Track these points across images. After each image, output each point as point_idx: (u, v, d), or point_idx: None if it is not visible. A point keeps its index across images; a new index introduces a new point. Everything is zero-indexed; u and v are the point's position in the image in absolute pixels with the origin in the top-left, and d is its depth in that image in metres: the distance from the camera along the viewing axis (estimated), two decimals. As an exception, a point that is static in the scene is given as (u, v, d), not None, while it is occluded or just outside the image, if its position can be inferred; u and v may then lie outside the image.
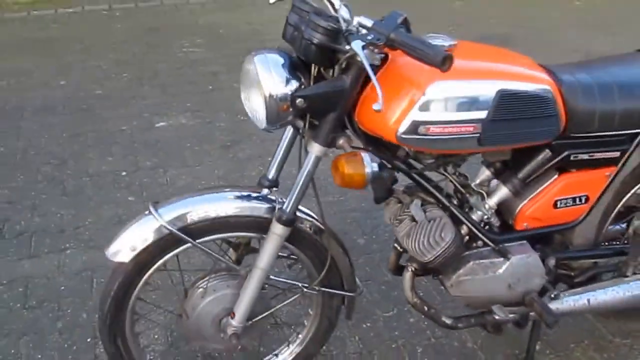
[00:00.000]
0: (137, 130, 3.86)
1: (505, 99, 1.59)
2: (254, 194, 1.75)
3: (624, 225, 2.11)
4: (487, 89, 1.58)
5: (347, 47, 1.47)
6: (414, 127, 1.55)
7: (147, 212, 1.67)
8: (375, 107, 1.39)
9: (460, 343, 2.29)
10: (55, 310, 2.39)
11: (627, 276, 2.03)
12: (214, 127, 3.90)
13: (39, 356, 2.19)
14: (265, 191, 1.77)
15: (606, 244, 2.11)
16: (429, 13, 6.14)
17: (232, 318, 1.77)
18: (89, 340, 2.23)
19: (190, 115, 4.06)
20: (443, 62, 1.34)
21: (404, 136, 1.57)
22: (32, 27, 5.79)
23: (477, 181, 1.89)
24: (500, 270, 1.84)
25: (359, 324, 2.36)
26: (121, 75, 4.70)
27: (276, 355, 2.02)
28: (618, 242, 2.12)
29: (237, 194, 1.75)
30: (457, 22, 5.91)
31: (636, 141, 1.85)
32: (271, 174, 1.79)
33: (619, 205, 1.99)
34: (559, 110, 1.67)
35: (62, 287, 2.51)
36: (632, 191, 1.98)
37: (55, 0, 6.50)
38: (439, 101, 1.54)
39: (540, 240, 1.96)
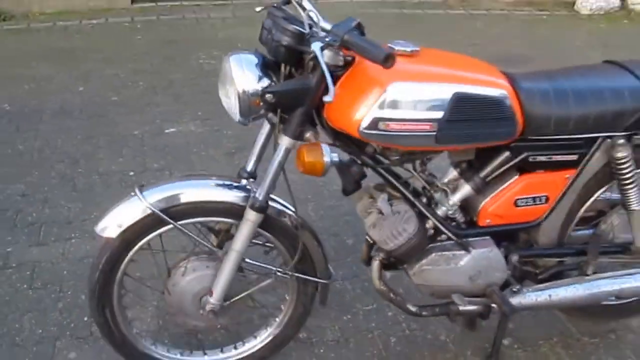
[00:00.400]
0: (148, 135, 4.05)
1: (461, 101, 1.73)
2: (233, 183, 1.92)
3: (593, 230, 2.24)
4: (444, 91, 1.72)
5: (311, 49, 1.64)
6: (375, 123, 1.70)
7: (133, 194, 1.85)
8: (326, 99, 1.57)
9: (434, 336, 2.41)
10: (57, 291, 2.57)
11: (588, 275, 2.15)
12: (222, 135, 4.07)
13: (40, 331, 2.37)
14: (243, 181, 1.93)
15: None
16: (449, 33, 6.26)
17: (211, 296, 1.93)
18: (85, 319, 2.40)
19: (199, 123, 4.24)
20: (385, 59, 1.50)
21: (365, 131, 1.72)
22: (56, 37, 6.04)
23: (445, 180, 2.03)
24: (462, 262, 1.97)
25: (340, 316, 2.50)
26: (137, 83, 4.91)
27: (255, 337, 2.17)
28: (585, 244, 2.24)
29: (218, 182, 1.92)
30: (476, 42, 6.02)
31: (595, 145, 1.99)
32: (249, 167, 1.95)
33: (583, 209, 2.11)
34: (515, 113, 1.81)
35: (65, 272, 2.69)
36: (596, 195, 2.10)
37: (80, 12, 6.77)
38: (398, 100, 1.69)
39: (506, 237, 2.09)
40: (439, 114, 1.73)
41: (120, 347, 2.04)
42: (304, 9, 1.79)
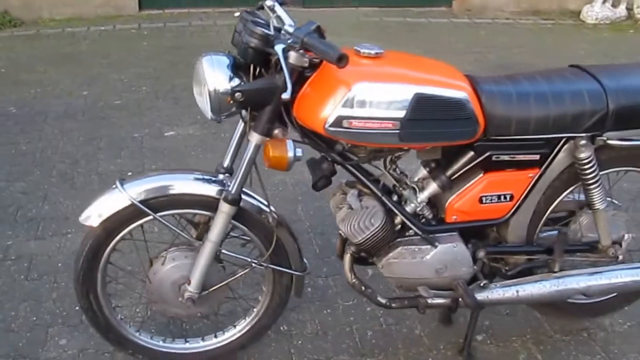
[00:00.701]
0: (148, 137, 4.18)
1: (422, 101, 1.83)
2: (211, 178, 2.03)
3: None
4: (405, 92, 1.82)
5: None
6: (339, 121, 1.80)
7: (114, 186, 1.97)
8: (284, 95, 1.69)
9: (409, 330, 2.50)
10: (51, 282, 2.70)
11: (555, 272, 2.23)
12: (219, 138, 4.18)
13: (34, 318, 2.50)
14: (220, 176, 2.04)
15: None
16: (452, 41, 6.35)
17: (189, 285, 2.04)
18: (77, 308, 2.48)
19: (198, 127, 4.35)
20: (339, 59, 1.62)
21: (330, 129, 1.82)
22: (64, 43, 6.20)
23: (415, 178, 2.13)
24: (428, 256, 2.06)
25: (321, 310, 2.60)
26: (140, 88, 5.05)
27: (234, 326, 2.27)
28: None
29: (196, 176, 2.03)
30: (479, 50, 6.09)
31: (558, 146, 2.08)
32: (226, 162, 2.07)
33: (551, 208, 2.19)
34: (475, 114, 1.90)
35: (60, 264, 2.82)
36: (562, 195, 2.18)
37: (88, 19, 6.94)
38: (362, 99, 1.79)
39: (475, 234, 2.18)
40: (401, 113, 1.82)
41: (104, 332, 2.15)
42: (274, 12, 1.91)
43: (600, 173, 2.16)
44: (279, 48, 1.74)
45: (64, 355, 2.32)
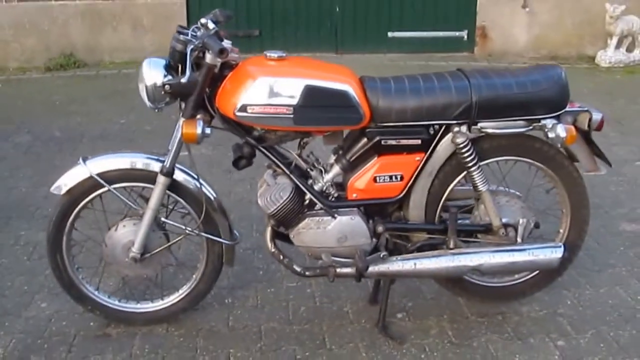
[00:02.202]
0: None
1: (311, 91, 2.25)
2: (157, 158, 2.50)
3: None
4: (297, 84, 2.26)
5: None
6: (244, 107, 2.25)
7: (79, 163, 2.45)
8: (182, 80, 2.15)
9: (339, 307, 2.83)
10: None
11: (451, 249, 2.53)
12: (227, 157, 4.64)
13: (25, 287, 2.99)
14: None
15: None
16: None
17: (132, 246, 2.48)
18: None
19: (211, 148, 4.83)
20: (219, 52, 2.07)
21: (238, 114, 2.26)
22: (118, 82, 6.91)
23: (324, 162, 2.53)
24: (329, 227, 2.43)
25: (265, 289, 2.97)
26: (170, 117, 5.61)
27: (177, 290, 2.68)
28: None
29: (146, 156, 2.51)
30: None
31: (440, 134, 2.42)
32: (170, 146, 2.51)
33: (446, 192, 2.52)
34: (359, 103, 2.30)
35: (59, 248, 3.31)
36: (455, 181, 2.52)
37: (144, 62, 7.70)
38: (262, 90, 2.25)
39: (378, 211, 2.53)
40: (293, 101, 2.26)
41: (67, 288, 2.60)
42: (205, 26, 2.38)
43: (487, 161, 2.49)
44: (188, 48, 2.22)
45: (42, 315, 2.79)
